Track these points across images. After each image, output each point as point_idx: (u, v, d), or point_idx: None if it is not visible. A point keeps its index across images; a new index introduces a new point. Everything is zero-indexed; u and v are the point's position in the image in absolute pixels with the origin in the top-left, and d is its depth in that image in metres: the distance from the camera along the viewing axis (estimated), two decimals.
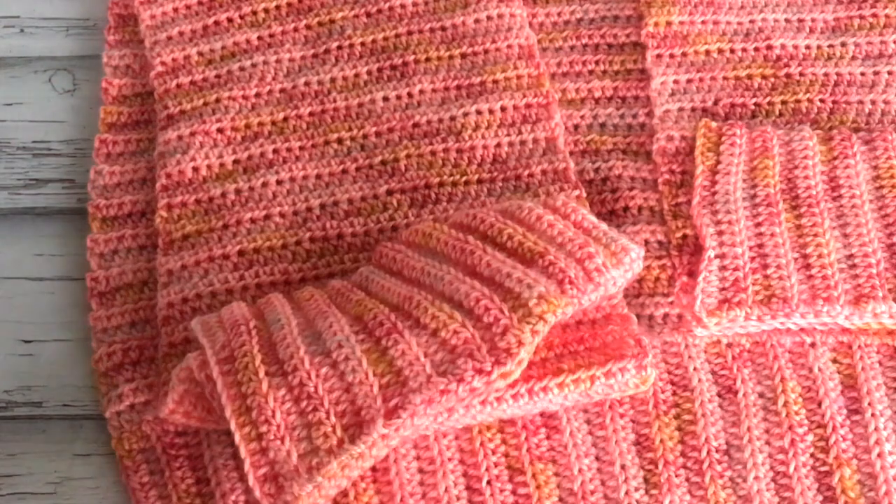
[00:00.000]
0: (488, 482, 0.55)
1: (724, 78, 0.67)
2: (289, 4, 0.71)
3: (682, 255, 0.61)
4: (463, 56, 0.69)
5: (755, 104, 0.66)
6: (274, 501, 0.48)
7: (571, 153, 0.66)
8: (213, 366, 0.51)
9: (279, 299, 0.55)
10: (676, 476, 0.55)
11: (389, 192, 0.64)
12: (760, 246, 0.59)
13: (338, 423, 0.48)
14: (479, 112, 0.66)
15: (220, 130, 0.66)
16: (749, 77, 0.67)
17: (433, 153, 0.65)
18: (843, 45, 0.68)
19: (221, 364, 0.51)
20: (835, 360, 0.57)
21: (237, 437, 0.49)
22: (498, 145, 0.65)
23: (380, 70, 0.69)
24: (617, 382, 0.53)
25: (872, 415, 0.56)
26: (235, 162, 0.65)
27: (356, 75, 0.68)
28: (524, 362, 0.49)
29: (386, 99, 0.67)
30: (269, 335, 0.52)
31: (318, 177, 0.65)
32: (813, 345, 0.58)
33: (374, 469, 0.55)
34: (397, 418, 0.48)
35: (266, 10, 0.71)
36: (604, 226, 0.55)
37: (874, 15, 0.69)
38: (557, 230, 0.54)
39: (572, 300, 0.51)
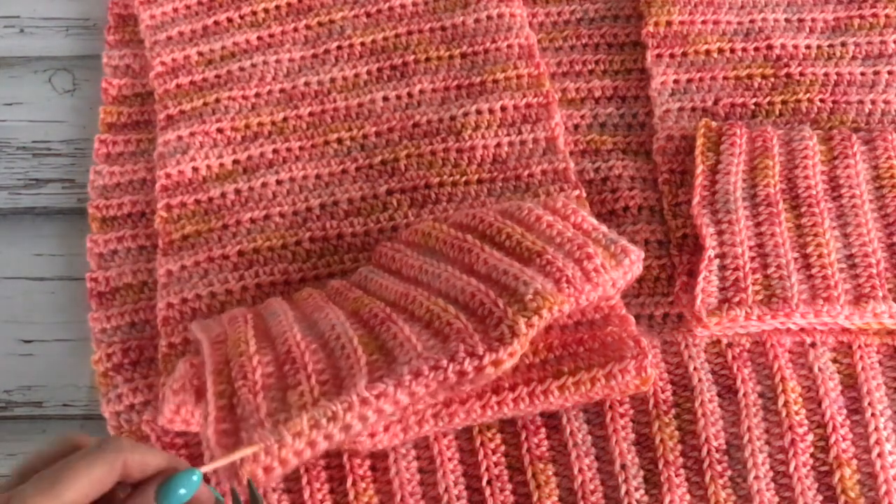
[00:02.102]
0: (488, 482, 0.55)
1: (724, 78, 0.67)
2: (289, 4, 0.71)
3: (682, 254, 0.61)
4: (463, 56, 0.69)
5: (755, 104, 0.66)
6: (225, 453, 0.45)
7: (571, 153, 0.66)
8: (205, 348, 0.51)
9: (278, 301, 0.56)
10: (677, 475, 0.55)
11: (389, 192, 0.64)
12: (760, 246, 0.59)
13: (317, 387, 0.47)
14: (479, 112, 0.66)
15: (219, 131, 0.66)
16: (749, 77, 0.67)
17: (433, 153, 0.65)
18: (843, 45, 0.68)
19: (214, 345, 0.51)
20: (835, 360, 0.57)
21: (209, 394, 0.48)
22: (498, 145, 0.65)
23: (380, 70, 0.69)
24: (617, 383, 0.53)
25: (872, 415, 0.56)
26: (235, 162, 0.65)
27: (356, 75, 0.68)
28: (517, 354, 0.49)
29: (386, 99, 0.67)
30: (265, 325, 0.52)
31: (318, 177, 0.65)
32: (813, 345, 0.58)
33: (373, 469, 0.55)
34: (380, 383, 0.46)
35: (266, 11, 0.71)
36: (604, 228, 0.55)
37: (874, 15, 0.69)
38: (556, 230, 0.54)
39: (569, 298, 0.51)
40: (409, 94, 0.68)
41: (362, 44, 0.70)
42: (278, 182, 0.64)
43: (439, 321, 0.50)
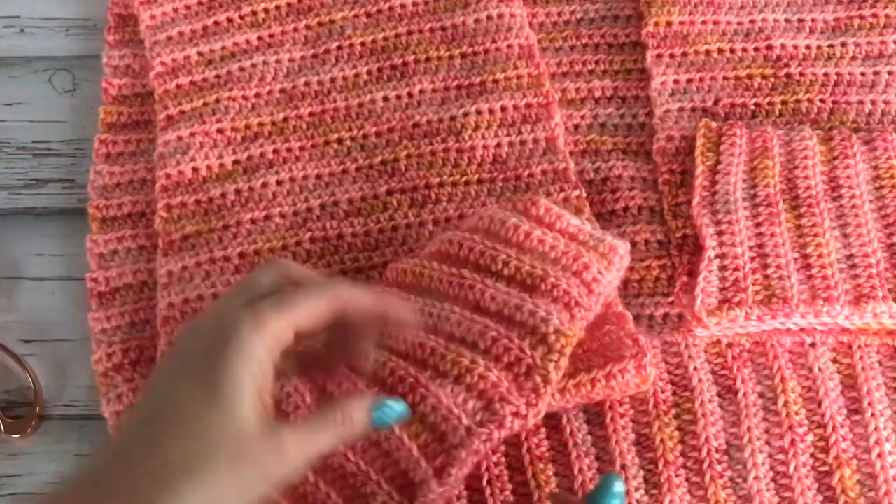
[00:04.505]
0: (488, 482, 0.55)
1: (724, 78, 0.67)
2: (289, 4, 0.71)
3: (682, 255, 0.61)
4: (463, 56, 0.69)
5: (755, 104, 0.66)
6: None
7: (571, 153, 0.66)
8: None
9: None
10: (676, 476, 0.55)
11: (389, 192, 0.64)
12: (760, 246, 0.59)
13: (392, 489, 0.49)
14: (479, 112, 0.66)
15: (219, 131, 0.66)
16: (749, 77, 0.67)
17: (433, 153, 0.65)
18: (843, 45, 0.68)
19: None
20: (835, 360, 0.57)
21: None
22: (498, 145, 0.65)
23: (380, 70, 0.69)
24: (617, 383, 0.53)
25: (872, 415, 0.56)
26: (235, 162, 0.65)
27: (356, 75, 0.68)
28: (549, 397, 0.50)
29: (386, 99, 0.67)
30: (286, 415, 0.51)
31: (319, 177, 0.65)
32: (813, 345, 0.58)
33: None
34: (448, 476, 0.48)
35: (266, 11, 0.71)
36: (587, 226, 0.55)
37: (874, 15, 0.69)
38: (549, 245, 0.54)
39: (582, 322, 0.51)
40: (409, 94, 0.68)
41: (362, 44, 0.70)
42: (278, 182, 0.64)
43: (471, 376, 0.49)
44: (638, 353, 0.53)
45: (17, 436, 0.59)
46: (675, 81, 0.67)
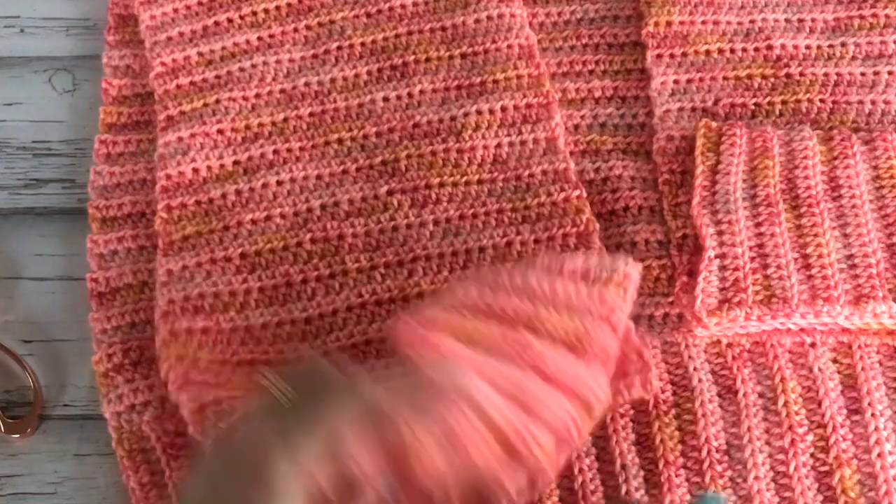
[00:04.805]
0: None
1: (724, 78, 0.67)
2: (289, 5, 0.71)
3: (682, 255, 0.61)
4: (463, 56, 0.69)
5: (755, 104, 0.66)
6: None
7: (571, 153, 0.66)
8: None
9: None
10: (676, 476, 0.55)
11: (390, 193, 0.64)
12: (760, 246, 0.59)
13: None
14: (479, 112, 0.66)
15: (220, 132, 0.66)
16: (749, 77, 0.67)
17: (433, 153, 0.65)
18: (843, 45, 0.68)
19: None
20: (835, 360, 0.57)
21: None
22: (498, 145, 0.65)
23: (380, 70, 0.69)
24: (623, 399, 0.53)
25: (872, 415, 0.56)
26: (235, 163, 0.65)
27: (356, 75, 0.68)
28: None
29: (386, 99, 0.67)
30: None
31: (319, 177, 0.65)
32: (813, 345, 0.58)
33: None
34: None
35: (266, 11, 0.71)
36: (595, 259, 0.52)
37: (874, 15, 0.69)
38: (575, 295, 0.51)
39: (610, 371, 0.50)
40: (410, 95, 0.68)
41: (362, 44, 0.70)
42: (279, 183, 0.64)
43: (529, 454, 0.47)
44: (643, 367, 0.53)
45: (17, 436, 0.59)
46: (675, 81, 0.68)
